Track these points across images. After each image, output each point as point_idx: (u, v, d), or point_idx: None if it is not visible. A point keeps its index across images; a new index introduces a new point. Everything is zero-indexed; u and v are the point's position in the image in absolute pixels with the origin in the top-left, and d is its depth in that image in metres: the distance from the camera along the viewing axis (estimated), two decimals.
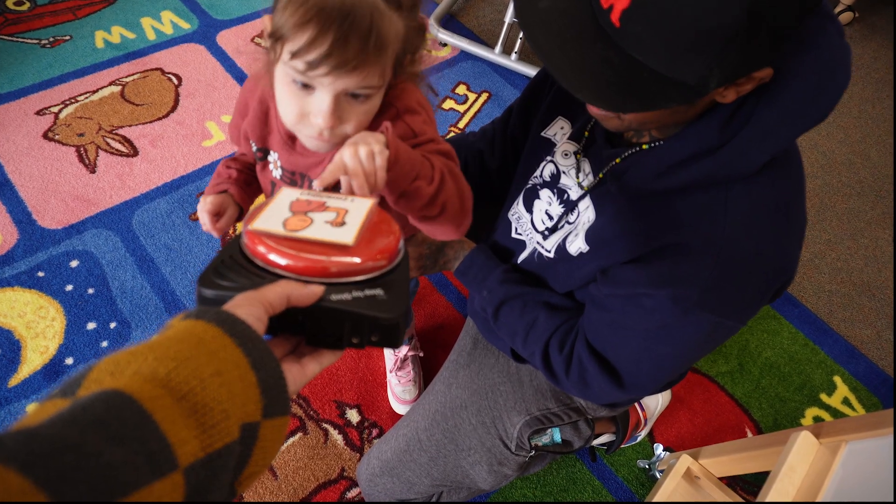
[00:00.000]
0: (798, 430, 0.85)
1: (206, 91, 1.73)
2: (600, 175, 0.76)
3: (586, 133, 0.81)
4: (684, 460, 1.05)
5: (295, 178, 0.72)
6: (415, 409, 1.05)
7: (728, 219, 0.63)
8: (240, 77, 1.78)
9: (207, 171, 1.56)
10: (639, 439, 1.22)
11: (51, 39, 1.76)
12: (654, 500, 1.01)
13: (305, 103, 0.59)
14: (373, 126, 0.63)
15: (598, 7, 0.55)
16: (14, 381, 1.21)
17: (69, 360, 1.24)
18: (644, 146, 0.70)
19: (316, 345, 0.46)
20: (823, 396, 1.41)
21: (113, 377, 0.32)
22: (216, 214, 0.74)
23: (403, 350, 1.22)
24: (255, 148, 0.74)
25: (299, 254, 0.45)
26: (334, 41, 0.52)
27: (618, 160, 0.73)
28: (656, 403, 1.21)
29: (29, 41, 1.75)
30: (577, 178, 0.80)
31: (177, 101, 1.68)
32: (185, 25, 1.89)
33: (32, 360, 1.23)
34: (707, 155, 0.62)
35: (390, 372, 1.25)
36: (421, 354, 1.28)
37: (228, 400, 0.34)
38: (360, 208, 0.51)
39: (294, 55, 0.54)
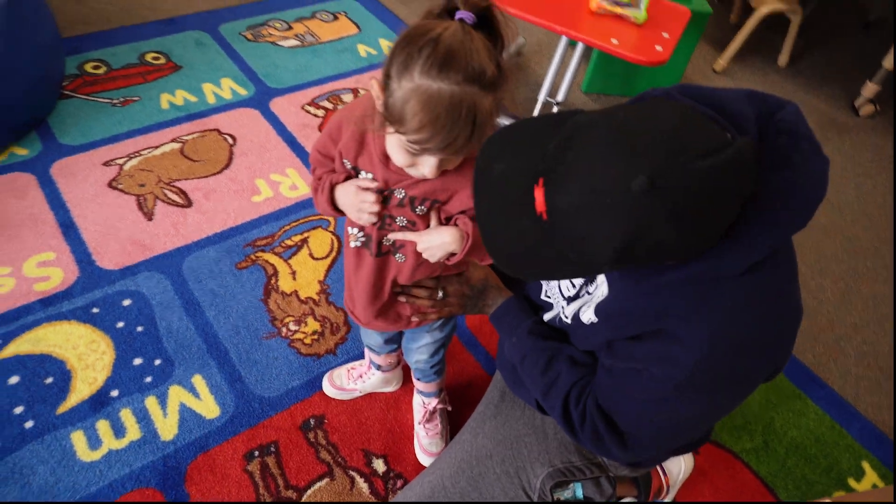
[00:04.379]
0: None
1: (258, 151, 1.95)
2: None
3: None
4: None
5: (385, 191, 0.88)
6: (441, 457, 1.15)
7: (713, 313, 0.72)
8: (289, 140, 2.01)
9: (255, 225, 1.75)
10: None
11: (121, 99, 2.03)
12: None
13: (415, 159, 0.78)
14: None
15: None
16: (62, 408, 1.34)
17: (114, 393, 1.38)
18: None
19: None
20: (851, 481, 1.46)
21: None
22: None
23: (433, 403, 1.33)
24: (349, 165, 0.89)
25: None
26: (443, 140, 0.71)
27: None
28: (679, 469, 1.29)
29: (102, 100, 2.02)
30: None
31: (231, 159, 1.91)
32: (243, 92, 2.15)
33: (81, 390, 1.37)
34: (692, 259, 0.71)
35: (418, 424, 1.35)
36: (449, 409, 1.38)
37: None
38: None
39: (410, 142, 0.73)
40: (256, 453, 1.33)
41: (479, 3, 0.73)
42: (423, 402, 1.34)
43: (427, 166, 0.78)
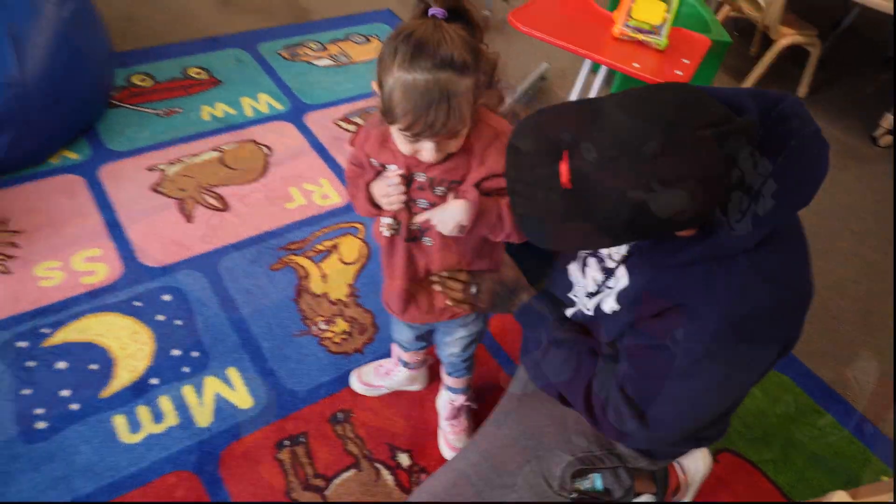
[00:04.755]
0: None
1: (292, 161, 2.08)
2: (628, 249, 0.96)
3: None
4: None
5: (409, 175, 0.98)
6: (465, 447, 1.22)
7: (726, 288, 0.80)
8: (322, 152, 2.14)
9: (288, 230, 1.86)
10: None
11: (165, 110, 2.18)
12: None
13: (415, 146, 0.89)
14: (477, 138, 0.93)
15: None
16: (105, 393, 1.44)
17: (154, 381, 1.47)
18: None
19: None
20: None
21: None
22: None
23: (459, 399, 1.40)
24: (376, 163, 1.00)
25: None
26: (425, 124, 0.82)
27: None
28: (696, 469, 1.33)
29: (147, 111, 2.17)
30: (610, 251, 1.00)
31: (266, 168, 2.04)
32: (279, 106, 2.29)
33: (122, 377, 1.47)
34: (705, 238, 0.80)
35: (444, 420, 1.42)
36: (474, 407, 1.45)
37: None
38: None
39: (401, 130, 0.85)
40: (287, 443, 1.40)
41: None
42: (450, 399, 1.42)
43: (426, 150, 0.88)
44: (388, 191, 0.98)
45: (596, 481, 1.15)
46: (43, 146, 1.92)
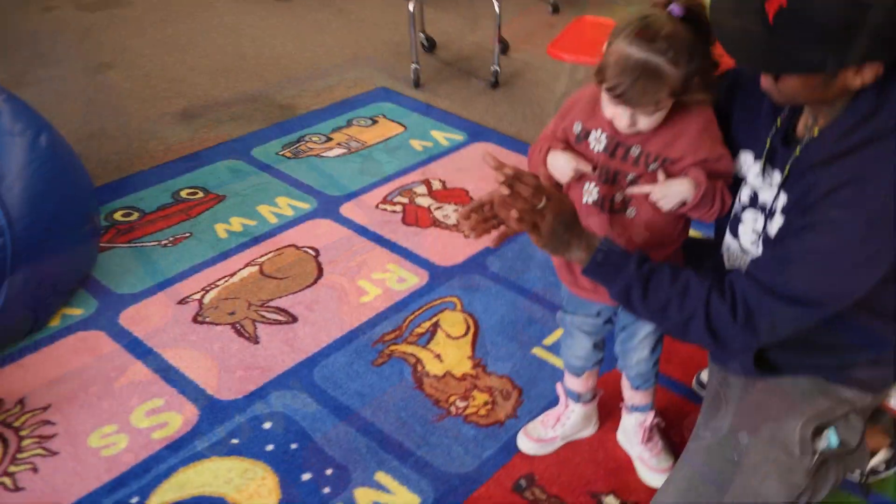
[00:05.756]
0: None
1: (347, 256, 1.93)
2: (787, 169, 0.99)
3: (768, 142, 1.05)
4: None
5: (617, 147, 1.05)
6: (684, 456, 1.16)
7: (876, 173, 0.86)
8: (377, 239, 2.01)
9: (377, 321, 1.71)
10: None
11: (171, 239, 1.99)
12: None
13: (615, 110, 0.99)
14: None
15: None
16: None
17: None
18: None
19: None
20: None
21: None
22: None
23: (649, 418, 1.33)
24: (578, 130, 1.08)
25: None
26: (624, 92, 0.94)
27: (798, 152, 0.98)
28: None
29: (148, 244, 1.97)
30: (770, 182, 1.03)
31: (320, 269, 1.89)
32: (304, 206, 2.13)
33: None
34: (869, 118, 0.87)
35: (640, 445, 1.34)
36: (662, 424, 1.37)
37: None
38: None
39: (606, 90, 0.96)
40: None
41: (690, 1, 0.96)
42: (638, 422, 1.33)
43: (620, 117, 0.99)
44: (575, 164, 1.06)
45: (831, 437, 1.08)
46: (39, 304, 1.66)
